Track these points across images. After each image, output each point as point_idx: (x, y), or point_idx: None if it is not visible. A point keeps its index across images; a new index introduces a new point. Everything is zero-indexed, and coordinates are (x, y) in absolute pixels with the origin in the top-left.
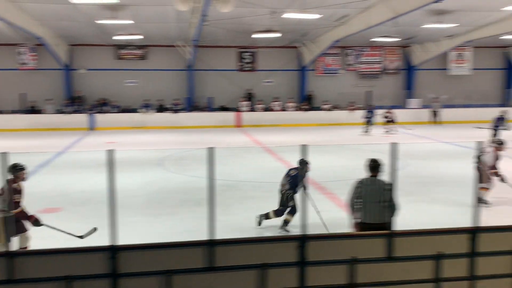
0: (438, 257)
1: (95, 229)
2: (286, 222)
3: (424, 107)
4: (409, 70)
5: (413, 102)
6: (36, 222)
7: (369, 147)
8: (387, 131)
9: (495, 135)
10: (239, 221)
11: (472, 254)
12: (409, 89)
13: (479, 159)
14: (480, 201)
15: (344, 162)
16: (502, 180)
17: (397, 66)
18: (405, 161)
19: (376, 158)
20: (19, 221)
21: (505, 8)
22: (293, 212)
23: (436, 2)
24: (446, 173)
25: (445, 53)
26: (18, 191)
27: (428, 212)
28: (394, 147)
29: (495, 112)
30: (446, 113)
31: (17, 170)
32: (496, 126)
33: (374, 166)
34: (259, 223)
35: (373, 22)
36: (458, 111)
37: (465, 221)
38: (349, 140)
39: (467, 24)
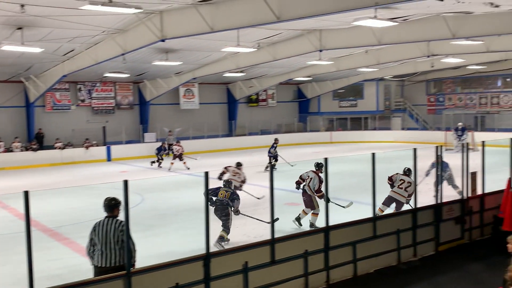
0: None
1: None
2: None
3: (160, 140)
4: (143, 105)
5: (149, 136)
6: None
7: (110, 185)
8: (184, 163)
9: (276, 159)
10: None
11: (207, 279)
12: (144, 123)
13: (305, 185)
14: (312, 226)
15: (80, 203)
16: (329, 200)
17: (130, 101)
18: (144, 195)
19: (112, 197)
20: None
21: (225, 49)
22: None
23: (161, 41)
24: (181, 203)
25: (177, 88)
26: None
27: (167, 244)
28: (125, 184)
29: (221, 141)
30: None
31: None
32: (275, 153)
33: (110, 205)
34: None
35: (101, 58)
36: (191, 143)
37: (202, 248)
38: (85, 179)
39: (191, 62)
